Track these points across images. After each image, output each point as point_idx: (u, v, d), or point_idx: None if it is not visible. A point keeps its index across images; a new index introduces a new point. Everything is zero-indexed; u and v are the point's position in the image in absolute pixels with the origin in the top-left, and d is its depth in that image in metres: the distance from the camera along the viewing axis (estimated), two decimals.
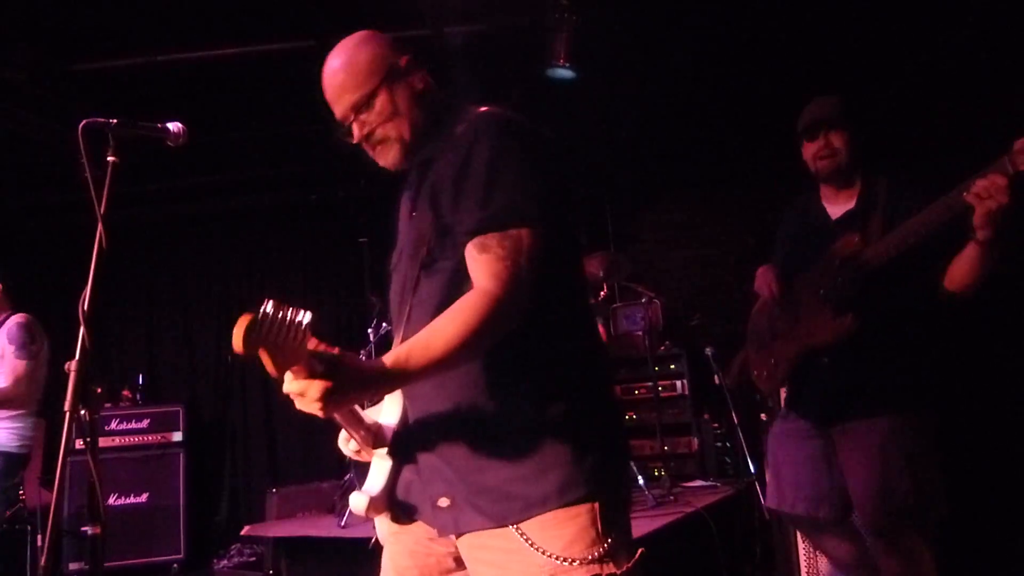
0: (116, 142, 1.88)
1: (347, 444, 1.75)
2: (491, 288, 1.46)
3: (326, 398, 1.33)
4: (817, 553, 3.45)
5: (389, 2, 4.38)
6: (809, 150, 2.78)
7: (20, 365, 3.98)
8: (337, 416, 1.57)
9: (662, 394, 5.60)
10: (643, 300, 5.57)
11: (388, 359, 1.41)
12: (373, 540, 1.79)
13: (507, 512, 1.51)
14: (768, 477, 3.04)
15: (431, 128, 1.70)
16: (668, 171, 6.56)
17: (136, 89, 4.97)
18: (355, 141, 1.73)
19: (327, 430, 6.15)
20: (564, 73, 4.57)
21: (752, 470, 4.70)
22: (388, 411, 1.71)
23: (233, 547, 5.67)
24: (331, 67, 1.74)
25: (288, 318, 1.27)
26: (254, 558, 5.38)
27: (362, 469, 4.85)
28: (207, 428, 6.94)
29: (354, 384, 1.37)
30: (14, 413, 3.99)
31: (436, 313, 1.47)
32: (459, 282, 1.53)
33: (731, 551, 4.43)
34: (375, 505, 1.66)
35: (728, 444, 5.46)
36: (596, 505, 1.50)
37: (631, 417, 5.63)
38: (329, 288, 7.08)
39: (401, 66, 1.71)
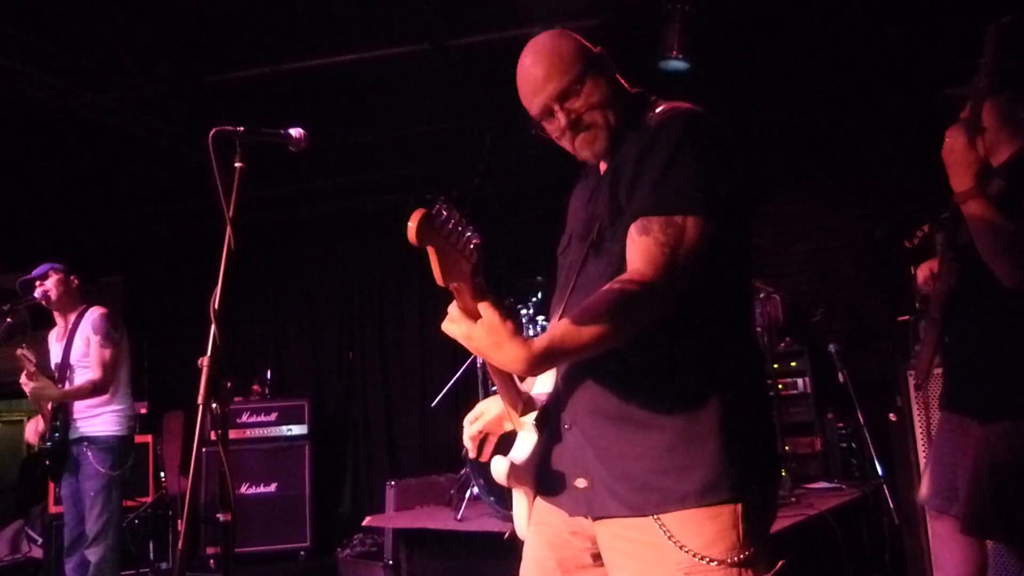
0: (243, 148, 1.95)
1: (471, 424, 1.76)
2: (644, 272, 1.45)
3: (468, 341, 1.40)
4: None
5: (502, 4, 4.42)
6: None
7: (106, 353, 4.25)
8: (490, 372, 1.61)
9: (783, 392, 5.43)
10: (761, 295, 5.40)
11: (543, 342, 1.40)
12: (508, 533, 1.80)
13: (644, 503, 1.50)
14: None
15: (628, 120, 1.67)
16: (787, 161, 6.34)
17: (262, 97, 5.20)
18: (555, 133, 1.70)
19: (444, 425, 6.25)
20: (677, 65, 4.48)
21: (880, 472, 4.49)
22: (541, 382, 1.72)
23: (356, 537, 5.85)
24: (530, 59, 1.68)
25: (460, 226, 1.30)
26: (375, 548, 5.53)
27: (478, 466, 4.89)
28: (331, 422, 7.20)
29: (497, 349, 1.39)
30: (113, 397, 4.26)
31: None
32: (625, 265, 1.52)
33: (858, 557, 4.25)
34: (516, 474, 1.66)
35: (854, 444, 5.23)
36: (739, 507, 1.47)
37: None
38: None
39: (601, 57, 1.69)
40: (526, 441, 1.67)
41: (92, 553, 4.06)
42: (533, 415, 1.68)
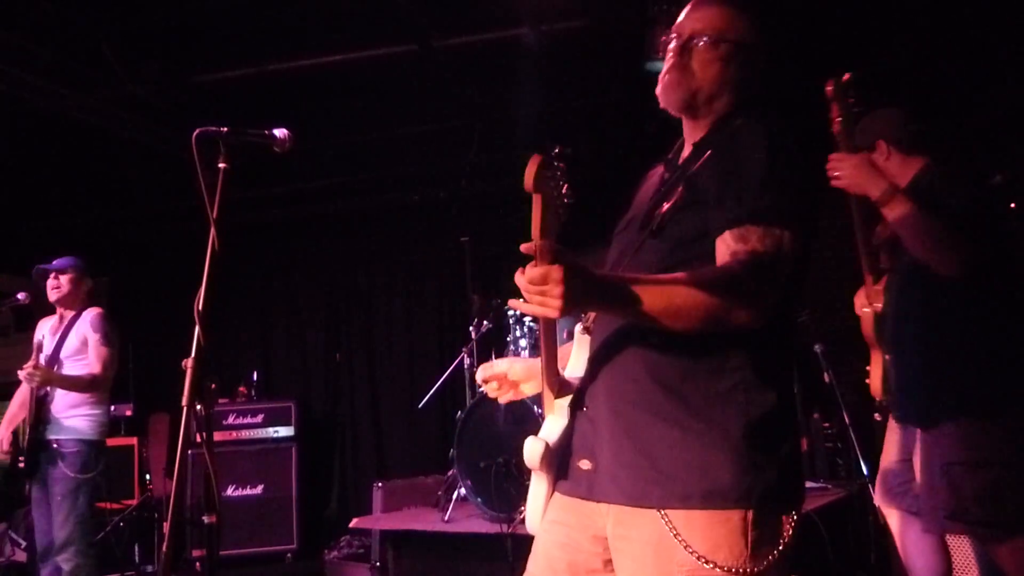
0: (227, 149, 1.95)
1: (483, 370, 1.77)
2: (744, 277, 1.43)
3: (567, 283, 1.30)
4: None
5: (488, 5, 4.42)
6: None
7: (105, 352, 4.23)
8: (543, 341, 1.58)
9: None
10: None
11: (627, 277, 1.39)
12: (510, 528, 1.78)
13: (642, 495, 1.48)
14: None
15: (720, 113, 1.67)
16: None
17: (248, 98, 5.19)
18: (661, 54, 1.69)
19: (432, 426, 6.23)
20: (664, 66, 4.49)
21: (865, 472, 4.51)
22: (574, 366, 1.69)
23: (343, 539, 5.83)
24: None
25: (563, 181, 1.28)
26: (362, 550, 5.51)
27: (465, 467, 4.88)
28: (318, 423, 7.18)
29: (592, 274, 1.35)
30: (91, 400, 4.24)
31: None
32: (682, 255, 1.51)
33: (843, 556, 4.27)
34: (548, 457, 1.63)
35: (839, 444, 5.26)
36: (750, 515, 1.44)
37: None
38: (432, 287, 7.20)
39: (755, 49, 1.69)
40: (556, 424, 1.65)
41: (64, 560, 3.95)
42: (567, 399, 1.66)
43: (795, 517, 1.50)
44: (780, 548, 1.47)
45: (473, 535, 4.16)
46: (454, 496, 4.62)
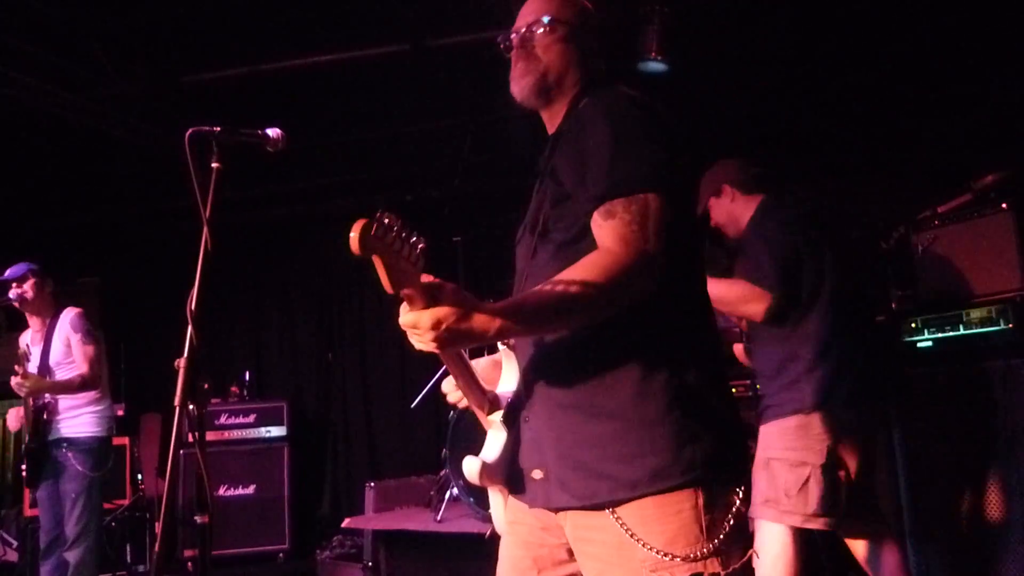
0: (220, 149, 1.95)
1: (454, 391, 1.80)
2: (618, 250, 1.44)
3: (439, 328, 1.33)
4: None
5: (480, 5, 4.42)
6: None
7: (89, 350, 4.27)
8: (451, 369, 1.60)
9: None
10: None
11: (502, 302, 1.40)
12: (489, 532, 1.80)
13: (593, 492, 1.49)
14: None
15: (571, 95, 1.73)
16: (764, 163, 6.39)
17: (241, 98, 5.17)
18: (509, 52, 1.78)
19: (424, 426, 6.21)
20: (656, 66, 4.50)
21: None
22: (506, 380, 1.71)
23: (335, 538, 5.83)
24: None
25: (404, 233, 1.31)
26: (355, 550, 5.51)
27: (458, 467, 4.88)
28: (310, 423, 7.17)
29: (466, 318, 1.35)
30: (94, 398, 4.25)
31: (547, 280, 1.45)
32: (569, 252, 1.52)
33: (836, 555, 4.29)
34: (488, 473, 1.65)
35: None
36: (700, 499, 1.45)
37: None
38: None
39: (590, 29, 1.77)
40: (496, 440, 1.67)
41: (72, 555, 4.05)
42: (500, 413, 1.67)
43: (742, 489, 1.52)
44: (731, 523, 1.48)
45: (465, 535, 4.17)
46: (446, 496, 4.62)
